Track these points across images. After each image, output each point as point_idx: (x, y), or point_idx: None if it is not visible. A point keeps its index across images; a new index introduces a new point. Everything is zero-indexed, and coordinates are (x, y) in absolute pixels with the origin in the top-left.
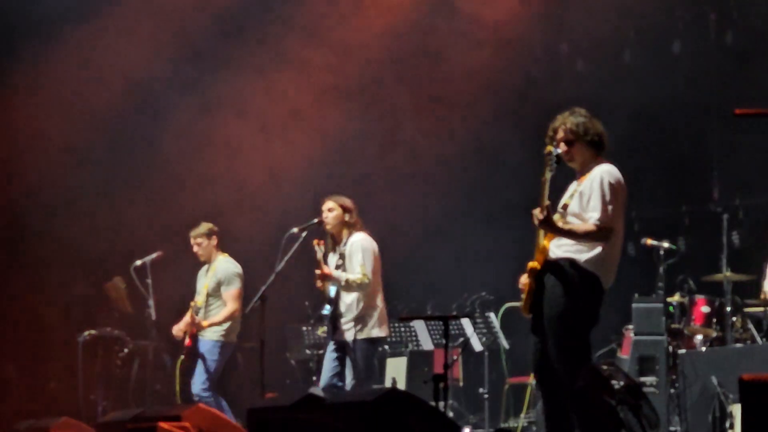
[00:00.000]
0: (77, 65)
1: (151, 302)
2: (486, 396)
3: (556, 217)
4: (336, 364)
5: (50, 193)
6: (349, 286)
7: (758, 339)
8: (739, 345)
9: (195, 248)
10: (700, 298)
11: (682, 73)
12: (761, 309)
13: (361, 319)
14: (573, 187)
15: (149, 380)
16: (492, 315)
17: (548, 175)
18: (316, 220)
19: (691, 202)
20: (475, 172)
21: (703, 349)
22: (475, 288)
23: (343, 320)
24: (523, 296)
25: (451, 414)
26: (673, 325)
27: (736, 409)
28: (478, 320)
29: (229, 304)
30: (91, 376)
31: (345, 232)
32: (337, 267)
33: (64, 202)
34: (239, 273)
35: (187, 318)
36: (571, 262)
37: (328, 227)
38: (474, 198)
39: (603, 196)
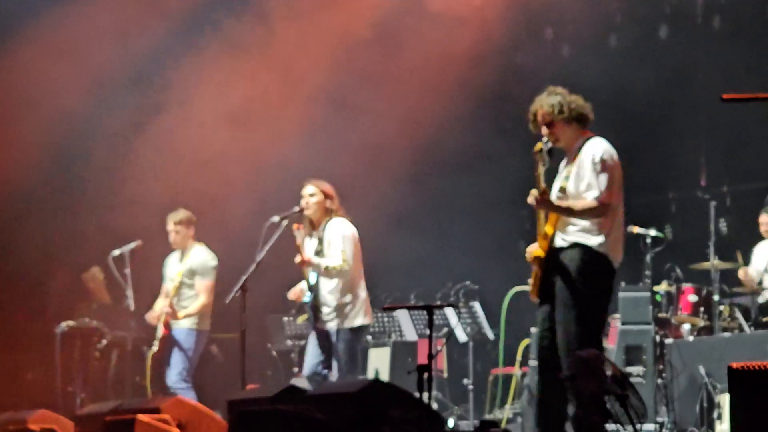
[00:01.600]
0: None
1: (129, 292)
2: (471, 387)
3: (554, 199)
4: (319, 352)
5: (26, 184)
6: (329, 273)
7: (746, 328)
8: (726, 334)
9: (172, 235)
10: (687, 286)
11: (669, 57)
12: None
13: (343, 308)
14: (566, 168)
15: (128, 372)
16: (477, 304)
17: (541, 169)
18: (297, 209)
19: (678, 189)
20: (458, 161)
21: (691, 338)
22: (459, 277)
23: (325, 309)
24: (531, 281)
25: (435, 405)
26: (660, 314)
27: (724, 399)
28: (463, 310)
29: (202, 296)
30: (69, 368)
31: (324, 217)
32: (316, 253)
33: (40, 192)
34: (215, 265)
35: (164, 304)
36: (582, 247)
37: (308, 212)
38: (458, 187)
39: (597, 173)
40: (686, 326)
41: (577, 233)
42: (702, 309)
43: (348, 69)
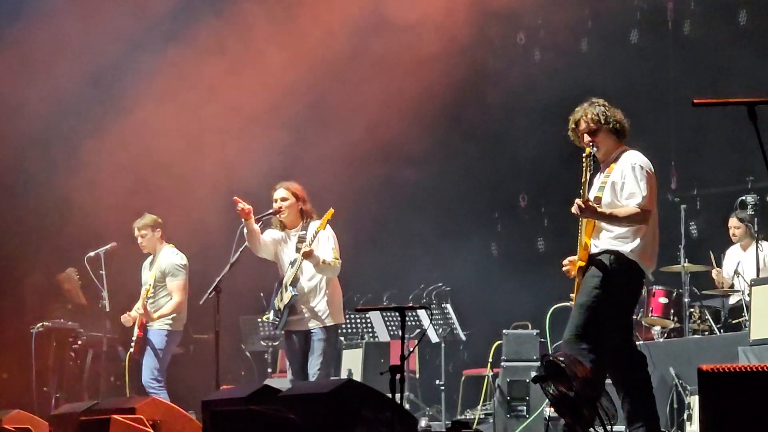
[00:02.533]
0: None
1: (104, 293)
2: (442, 388)
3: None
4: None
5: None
6: (323, 268)
7: (716, 330)
8: (696, 336)
9: (139, 240)
10: (657, 288)
11: (640, 62)
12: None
13: (327, 306)
14: (600, 178)
15: (103, 372)
16: (449, 306)
17: (587, 176)
18: (272, 211)
19: None
20: (432, 164)
21: (661, 340)
22: (431, 279)
23: (312, 305)
24: (573, 296)
25: (407, 406)
26: None
27: (694, 401)
28: (435, 311)
29: (174, 295)
30: (44, 369)
31: (301, 219)
32: (297, 250)
33: (14, 192)
34: (184, 264)
35: (139, 307)
36: (615, 254)
37: (283, 216)
38: (431, 189)
39: (638, 181)
40: (657, 328)
41: (609, 240)
42: (672, 311)
43: (319, 75)
